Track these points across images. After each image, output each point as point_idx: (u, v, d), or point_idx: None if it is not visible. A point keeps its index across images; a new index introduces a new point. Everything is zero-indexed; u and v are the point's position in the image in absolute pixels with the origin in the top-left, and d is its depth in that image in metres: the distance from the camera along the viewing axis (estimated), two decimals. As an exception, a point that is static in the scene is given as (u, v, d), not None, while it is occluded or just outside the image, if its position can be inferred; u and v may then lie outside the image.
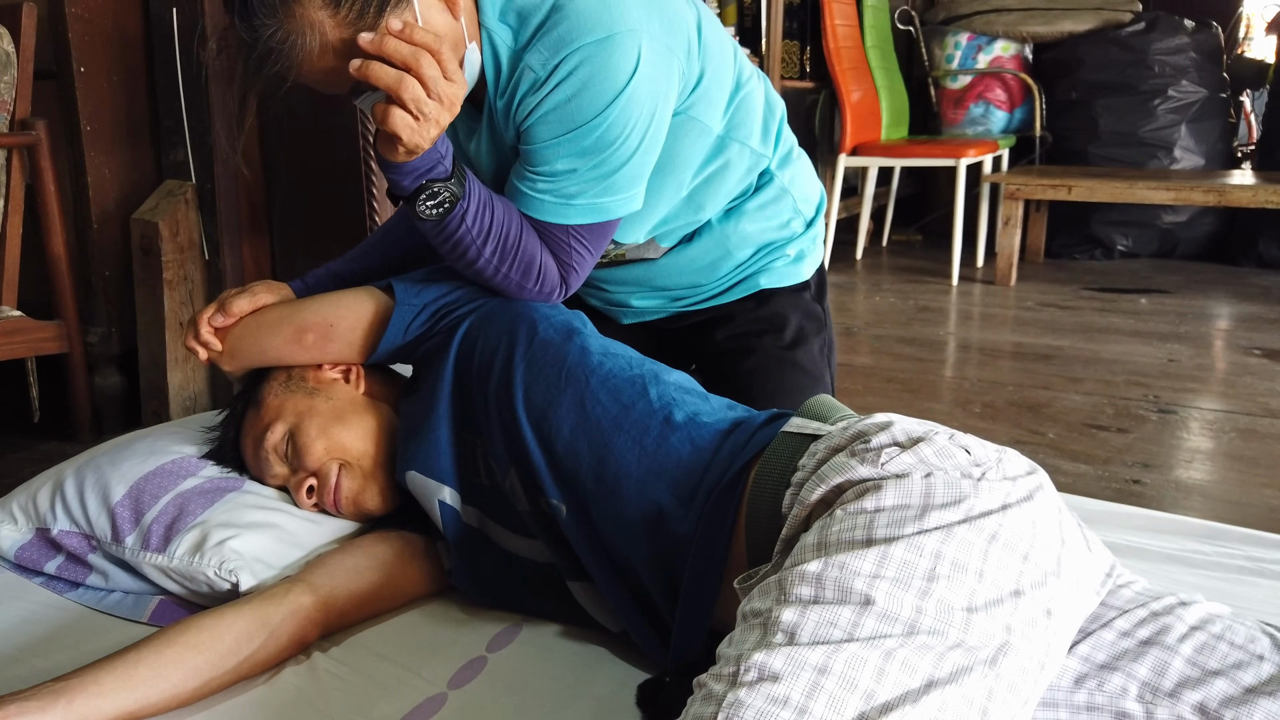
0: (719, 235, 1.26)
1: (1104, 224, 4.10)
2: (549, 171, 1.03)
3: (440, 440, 1.05)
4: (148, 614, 1.07)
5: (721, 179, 1.21)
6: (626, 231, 1.19)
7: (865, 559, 0.68)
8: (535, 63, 0.99)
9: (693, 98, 1.11)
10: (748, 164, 1.23)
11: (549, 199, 1.05)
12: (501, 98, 1.05)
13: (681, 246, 1.27)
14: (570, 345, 1.02)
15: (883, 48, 4.31)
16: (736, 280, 1.31)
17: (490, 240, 1.04)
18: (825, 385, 1.31)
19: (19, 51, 1.92)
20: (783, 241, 1.30)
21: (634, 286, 1.32)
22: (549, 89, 0.99)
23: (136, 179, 2.09)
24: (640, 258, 1.28)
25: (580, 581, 0.98)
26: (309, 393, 1.12)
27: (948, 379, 2.44)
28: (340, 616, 1.01)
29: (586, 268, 1.12)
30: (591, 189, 1.04)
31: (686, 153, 1.15)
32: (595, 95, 0.98)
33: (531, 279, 1.09)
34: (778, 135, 1.27)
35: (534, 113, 1.01)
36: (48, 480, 1.20)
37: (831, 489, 0.76)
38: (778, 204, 1.28)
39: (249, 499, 1.12)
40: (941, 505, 0.71)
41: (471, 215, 1.02)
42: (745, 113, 1.20)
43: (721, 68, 1.15)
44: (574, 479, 0.93)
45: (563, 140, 1.01)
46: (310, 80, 0.96)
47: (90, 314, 2.08)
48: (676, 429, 0.92)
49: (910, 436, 0.77)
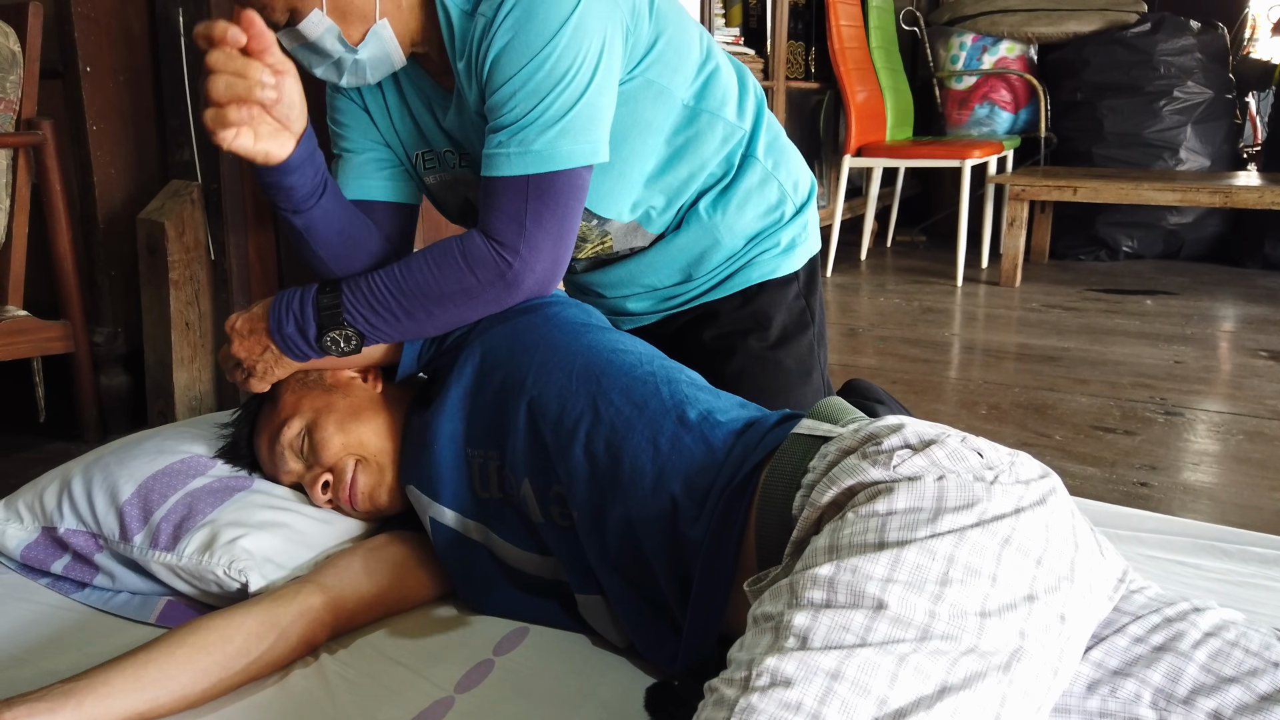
0: (707, 224, 1.25)
1: (1109, 225, 4.09)
2: (510, 119, 1.03)
3: (439, 458, 1.05)
4: (155, 615, 1.07)
5: (695, 149, 1.21)
6: (606, 203, 1.18)
7: (878, 562, 0.68)
8: (485, 8, 1.03)
9: (649, 59, 1.12)
10: (721, 134, 1.22)
11: (510, 150, 1.03)
12: (461, 59, 1.07)
13: (670, 236, 1.26)
14: (579, 344, 1.02)
15: (888, 48, 4.30)
16: (726, 274, 1.29)
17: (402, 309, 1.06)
18: (814, 382, 1.30)
19: (25, 50, 1.92)
20: (773, 228, 1.29)
21: (627, 287, 1.31)
22: (496, 26, 1.01)
23: (142, 178, 2.09)
24: (630, 248, 1.27)
25: (590, 595, 0.98)
26: (326, 390, 1.12)
27: (953, 380, 2.44)
28: (349, 618, 1.01)
29: (546, 240, 1.05)
30: (548, 131, 1.02)
31: (649, 116, 1.15)
32: (541, 24, 1.00)
33: (466, 281, 1.05)
34: (756, 117, 1.27)
35: (489, 54, 1.02)
36: (54, 479, 1.20)
37: (843, 491, 0.76)
38: (764, 188, 1.27)
39: (259, 498, 1.11)
40: (954, 508, 0.71)
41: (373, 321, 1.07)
42: (715, 85, 1.21)
43: (682, 36, 1.16)
44: (589, 482, 0.93)
45: (517, 78, 1.01)
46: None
47: (96, 314, 2.08)
48: (690, 428, 0.92)
49: (922, 439, 0.77)
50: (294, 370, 1.13)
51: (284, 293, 1.10)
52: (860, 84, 3.91)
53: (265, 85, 0.95)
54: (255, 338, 1.10)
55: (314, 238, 1.11)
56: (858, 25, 4.04)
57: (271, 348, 1.10)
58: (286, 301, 1.09)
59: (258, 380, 1.12)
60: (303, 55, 1.08)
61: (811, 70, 4.06)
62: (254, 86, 0.95)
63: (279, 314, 1.09)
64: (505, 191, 1.04)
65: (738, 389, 1.17)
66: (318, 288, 1.09)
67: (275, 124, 1.01)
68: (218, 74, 0.94)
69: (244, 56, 0.95)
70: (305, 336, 1.08)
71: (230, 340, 1.12)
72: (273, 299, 1.11)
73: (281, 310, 1.09)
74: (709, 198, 1.24)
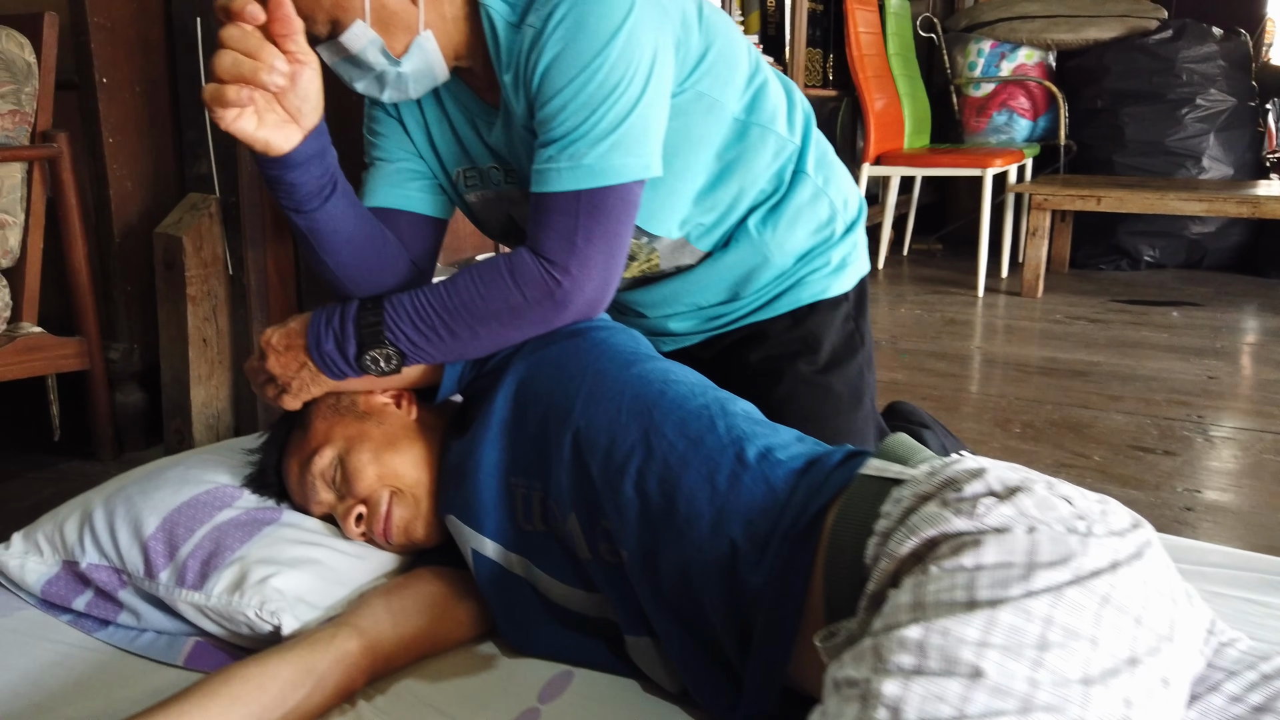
0: (756, 242, 1.21)
1: (1130, 234, 4.04)
2: (560, 133, 0.99)
3: (481, 487, 1.00)
4: (183, 657, 1.03)
5: (746, 164, 1.17)
6: (656, 219, 1.14)
7: (970, 624, 0.63)
8: (534, 19, 0.99)
9: (699, 71, 1.09)
10: (773, 148, 1.18)
11: (561, 165, 0.99)
12: (508, 71, 1.03)
13: (718, 254, 1.22)
14: (629, 374, 0.97)
15: (905, 55, 4.26)
16: (775, 294, 1.25)
17: (446, 329, 1.02)
18: (864, 408, 1.26)
19: (40, 62, 1.88)
20: (823, 246, 1.25)
21: (671, 306, 1.27)
22: (546, 37, 0.98)
23: (159, 192, 2.05)
24: (676, 266, 1.22)
25: (639, 637, 0.93)
26: (359, 417, 1.08)
27: (983, 396, 2.39)
28: (387, 662, 0.97)
29: (598, 257, 1.01)
30: (600, 145, 0.98)
31: (700, 130, 1.12)
32: (592, 35, 0.97)
33: (513, 299, 1.01)
34: (805, 131, 1.23)
35: (539, 66, 0.99)
36: (75, 510, 1.16)
37: (923, 542, 0.71)
38: (815, 205, 1.23)
39: (289, 532, 1.07)
40: (1048, 564, 0.66)
41: (416, 340, 1.02)
42: (765, 98, 1.17)
43: (732, 49, 1.13)
44: (641, 520, 0.89)
45: (567, 90, 0.98)
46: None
47: (111, 329, 2.04)
48: (749, 467, 0.87)
49: (1006, 485, 0.72)
50: (329, 389, 1.08)
51: (323, 309, 1.06)
52: (879, 91, 3.87)
53: (275, 70, 0.88)
54: (292, 354, 1.06)
55: (318, 242, 1.06)
56: (876, 32, 4.00)
57: (309, 365, 1.05)
58: (326, 318, 1.05)
59: (291, 398, 1.08)
60: (344, 69, 1.04)
61: (830, 77, 4.02)
62: (261, 69, 0.87)
63: (318, 330, 1.04)
64: (556, 207, 1.00)
65: (784, 414, 1.13)
66: (359, 304, 1.04)
67: (283, 114, 0.94)
68: (226, 49, 0.87)
69: (260, 37, 0.88)
70: (345, 354, 1.04)
71: (264, 355, 1.07)
72: (311, 314, 1.06)
73: (321, 326, 1.04)
74: (759, 214, 1.20)
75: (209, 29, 1.93)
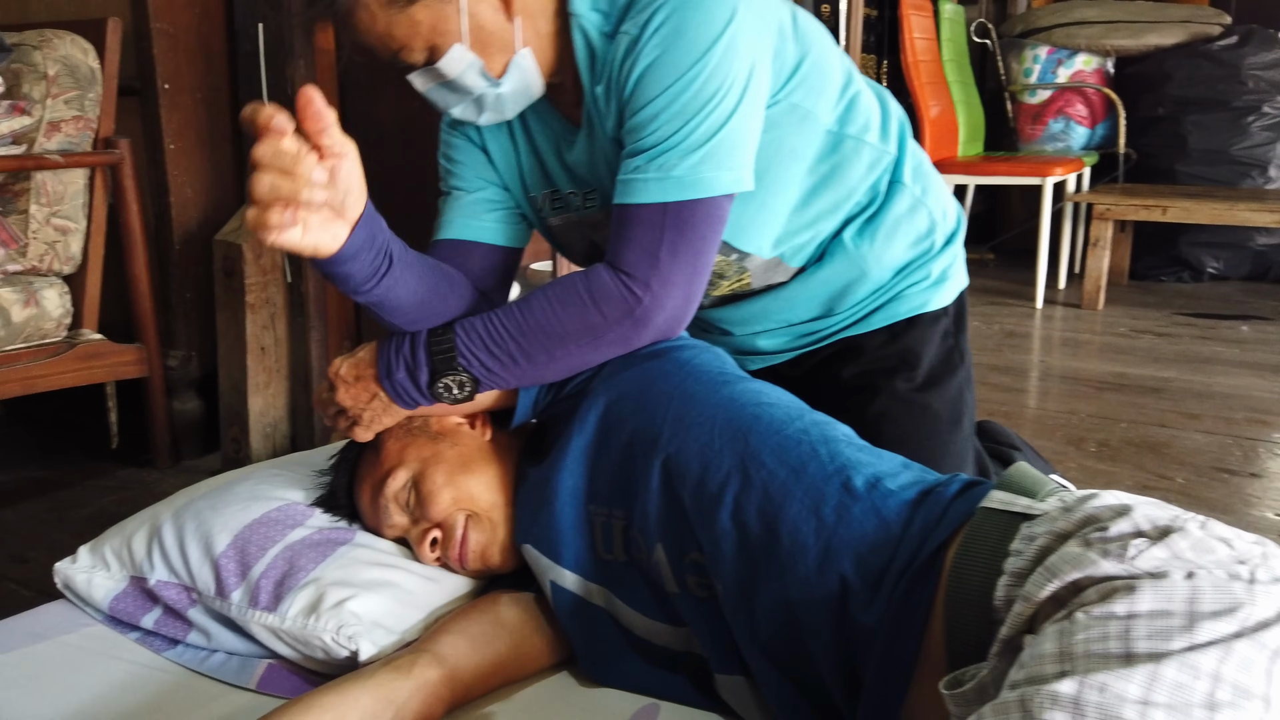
0: (853, 255, 1.16)
1: (1193, 245, 3.93)
2: (651, 142, 0.95)
3: (559, 515, 0.96)
4: (255, 680, 0.99)
5: (840, 176, 1.12)
6: (746, 235, 1.09)
7: (1131, 680, 0.58)
8: (629, 27, 0.96)
9: (793, 82, 1.05)
10: (868, 160, 1.13)
11: (649, 176, 0.95)
12: (599, 82, 1.00)
13: (811, 269, 1.17)
14: (719, 397, 0.93)
15: (959, 61, 4.18)
16: (872, 308, 1.19)
17: (521, 351, 0.97)
18: (963, 430, 1.20)
19: (103, 68, 1.88)
20: (922, 259, 1.19)
21: (761, 323, 1.22)
22: (644, 44, 0.94)
23: (219, 198, 2.05)
24: (767, 284, 1.18)
25: (732, 675, 0.88)
26: (433, 438, 1.04)
27: (1052, 413, 2.31)
28: (466, 691, 0.93)
29: (680, 274, 0.96)
30: (691, 156, 0.94)
31: (793, 143, 1.07)
32: (691, 42, 0.93)
33: (590, 318, 0.96)
34: (901, 140, 1.18)
35: (633, 73, 0.95)
36: (143, 524, 1.13)
37: (1065, 585, 0.66)
38: (913, 216, 1.17)
39: (363, 553, 1.04)
40: (1212, 613, 0.60)
41: (490, 365, 0.98)
42: (859, 109, 1.13)
43: (825, 59, 1.09)
44: (738, 553, 0.84)
45: (662, 98, 0.94)
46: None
47: (170, 337, 2.04)
48: (858, 497, 0.82)
49: (1157, 525, 0.67)
50: (401, 419, 1.05)
51: (391, 337, 1.02)
52: (933, 98, 3.80)
53: (314, 185, 0.82)
54: (362, 384, 1.02)
55: (384, 312, 1.01)
56: (931, 38, 3.93)
57: (380, 395, 1.01)
58: (396, 346, 1.01)
59: (363, 429, 1.04)
60: (438, 95, 1.01)
61: (884, 83, 3.95)
62: (301, 188, 0.82)
63: (388, 359, 1.01)
64: (639, 220, 0.95)
65: (879, 433, 1.07)
66: (429, 331, 1.01)
67: (326, 214, 0.88)
68: (262, 171, 0.81)
69: (294, 152, 0.81)
70: (417, 383, 1.00)
71: (334, 387, 1.04)
72: (379, 344, 1.03)
73: (391, 355, 1.01)
74: (854, 226, 1.15)
75: (270, 35, 1.91)
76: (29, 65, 1.78)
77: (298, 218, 0.83)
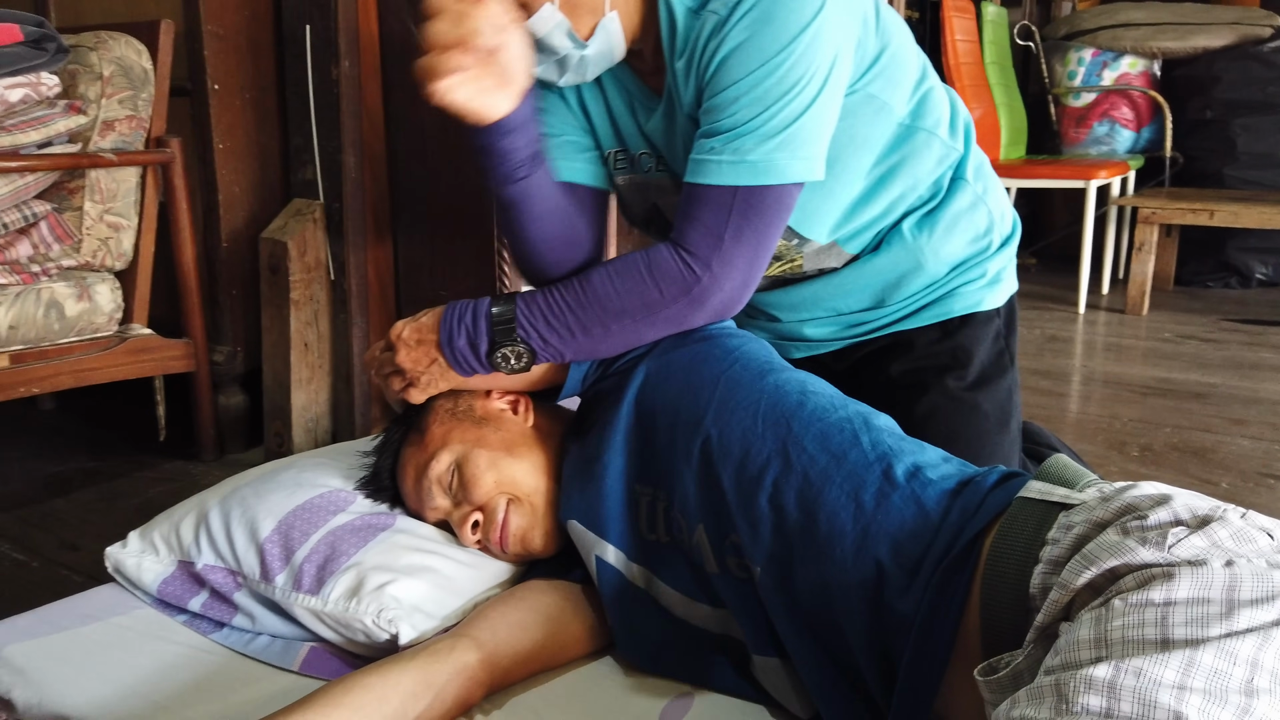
0: (910, 246, 1.15)
1: (1240, 250, 3.86)
2: (728, 125, 0.96)
3: (607, 492, 0.97)
4: (298, 662, 1.01)
5: (908, 169, 1.12)
6: (809, 221, 1.10)
7: (1167, 665, 0.57)
8: (717, 6, 0.96)
9: (872, 73, 1.05)
10: (937, 155, 1.14)
11: (724, 158, 0.96)
12: (680, 57, 1.01)
13: (866, 257, 1.17)
14: (764, 383, 0.94)
15: (1001, 64, 4.15)
16: (925, 302, 1.19)
17: (579, 324, 1.00)
18: (1010, 432, 1.19)
19: (156, 69, 1.92)
20: (979, 257, 1.19)
21: (810, 310, 1.22)
22: (731, 26, 0.95)
23: (265, 197, 2.09)
24: (820, 269, 1.18)
25: (768, 657, 0.89)
26: (476, 422, 1.06)
27: (1094, 416, 2.29)
28: (504, 675, 0.94)
29: (741, 257, 0.98)
30: (768, 142, 0.95)
31: (866, 132, 1.08)
32: (779, 29, 0.93)
33: (649, 295, 0.98)
34: (966, 139, 1.18)
35: (717, 55, 0.96)
36: (191, 510, 1.16)
37: (1102, 573, 0.66)
38: (973, 213, 1.17)
39: (403, 539, 1.05)
40: (1251, 601, 0.60)
41: (548, 337, 1.00)
42: (932, 103, 1.13)
43: (904, 51, 1.09)
44: (775, 536, 0.84)
45: (744, 82, 0.95)
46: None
47: (216, 332, 2.08)
48: (898, 485, 0.82)
49: (1196, 515, 0.67)
50: (455, 385, 1.07)
51: (454, 304, 1.05)
52: (975, 101, 3.77)
53: (488, 30, 0.87)
54: (423, 349, 1.05)
55: (525, 210, 1.04)
56: (973, 40, 3.90)
57: (439, 360, 1.04)
58: (458, 314, 1.04)
59: (419, 392, 1.07)
60: None
61: (923, 87, 3.93)
62: (478, 31, 0.86)
63: (450, 327, 1.03)
64: (708, 201, 0.97)
65: (926, 430, 1.07)
66: (490, 301, 1.03)
67: (494, 79, 0.92)
68: (440, 15, 0.86)
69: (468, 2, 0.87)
70: (476, 352, 1.02)
71: (394, 348, 1.06)
72: (442, 310, 1.05)
73: (453, 323, 1.03)
74: (914, 218, 1.15)
75: (317, 36, 1.95)
76: (85, 66, 1.83)
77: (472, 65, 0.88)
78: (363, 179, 1.97)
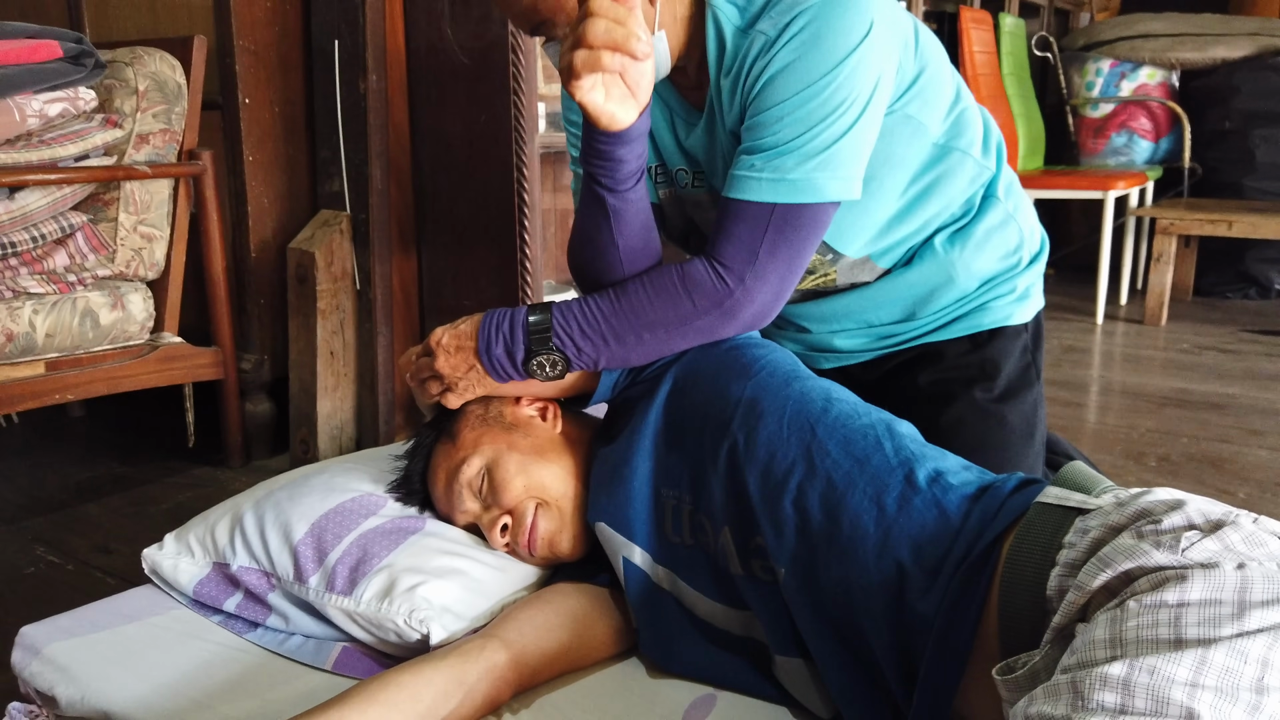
0: (942, 260, 1.18)
1: (1260, 261, 3.86)
2: (771, 143, 0.98)
3: (634, 495, 1.00)
4: (331, 661, 1.04)
5: (942, 188, 1.15)
6: (844, 237, 1.13)
7: (1180, 664, 0.59)
8: (766, 26, 0.99)
9: (910, 94, 1.08)
10: (970, 174, 1.16)
11: (764, 175, 0.98)
12: (727, 75, 1.03)
13: (898, 271, 1.20)
14: (790, 390, 0.96)
15: (1019, 75, 4.16)
16: (955, 316, 1.22)
17: (613, 334, 1.02)
18: (1035, 444, 1.21)
19: (189, 83, 1.97)
20: (1009, 272, 1.21)
21: (841, 322, 1.25)
22: (779, 47, 0.97)
23: (293, 208, 2.13)
24: (852, 283, 1.20)
25: (791, 657, 0.91)
26: (506, 428, 1.09)
27: (1111, 427, 2.29)
28: (532, 675, 0.96)
29: (775, 272, 1.00)
30: (808, 162, 0.98)
31: (902, 152, 1.11)
32: (826, 53, 0.96)
33: (682, 307, 1.01)
34: (999, 157, 1.21)
35: (764, 74, 0.98)
36: (225, 513, 1.19)
37: (1118, 575, 0.68)
38: (1004, 229, 1.20)
39: (433, 542, 1.08)
40: (1262, 602, 0.62)
41: (582, 346, 1.03)
42: (966, 123, 1.15)
43: (940, 74, 1.12)
44: (799, 539, 0.87)
45: (789, 103, 0.97)
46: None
47: (244, 341, 2.12)
48: (920, 490, 0.84)
49: (1209, 519, 0.68)
50: (490, 391, 1.10)
51: (492, 312, 1.08)
52: (993, 112, 3.76)
53: (641, 38, 0.89)
54: (461, 355, 1.08)
55: (620, 220, 1.05)
56: (990, 51, 3.92)
57: (477, 367, 1.07)
58: (496, 322, 1.07)
59: (455, 396, 1.10)
60: None
61: (941, 99, 3.94)
62: (631, 37, 0.88)
63: (488, 335, 1.06)
64: (745, 216, 0.99)
65: (952, 440, 1.09)
66: (527, 310, 1.06)
67: (626, 88, 0.95)
68: (598, 16, 0.88)
69: (629, 6, 0.89)
70: (513, 360, 1.05)
71: (432, 354, 1.09)
72: (480, 317, 1.08)
73: (491, 331, 1.06)
74: (946, 234, 1.18)
75: (345, 51, 1.99)
76: (121, 80, 1.88)
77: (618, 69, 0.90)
78: (388, 191, 2.01)
